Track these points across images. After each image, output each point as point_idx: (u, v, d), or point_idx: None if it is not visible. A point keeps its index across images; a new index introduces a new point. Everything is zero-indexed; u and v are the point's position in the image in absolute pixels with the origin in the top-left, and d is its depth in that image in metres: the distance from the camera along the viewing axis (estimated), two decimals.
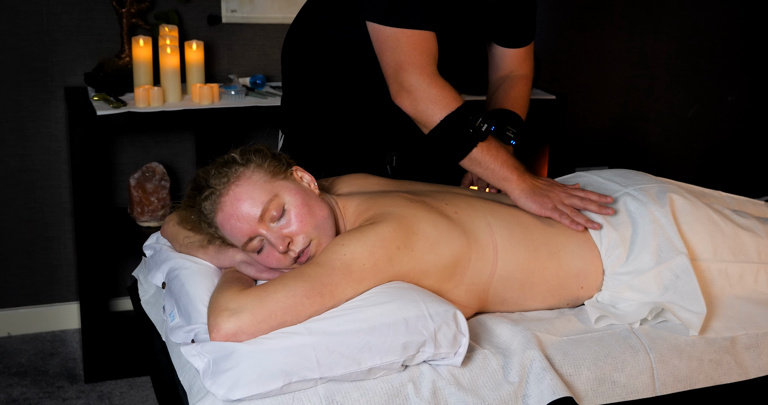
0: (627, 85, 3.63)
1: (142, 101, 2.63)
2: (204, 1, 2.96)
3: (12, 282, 3.01)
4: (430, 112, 1.75)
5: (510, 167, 1.75)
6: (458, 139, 1.74)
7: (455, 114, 1.73)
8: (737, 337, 1.63)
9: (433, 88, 1.75)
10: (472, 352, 1.49)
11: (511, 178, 1.74)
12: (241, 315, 1.37)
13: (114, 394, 2.70)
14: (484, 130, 1.73)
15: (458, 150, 1.75)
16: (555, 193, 1.73)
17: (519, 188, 1.74)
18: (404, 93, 1.77)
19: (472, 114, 1.74)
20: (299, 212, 1.53)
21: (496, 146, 1.76)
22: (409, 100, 1.77)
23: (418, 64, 1.75)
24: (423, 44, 1.76)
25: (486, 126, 1.73)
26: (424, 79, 1.75)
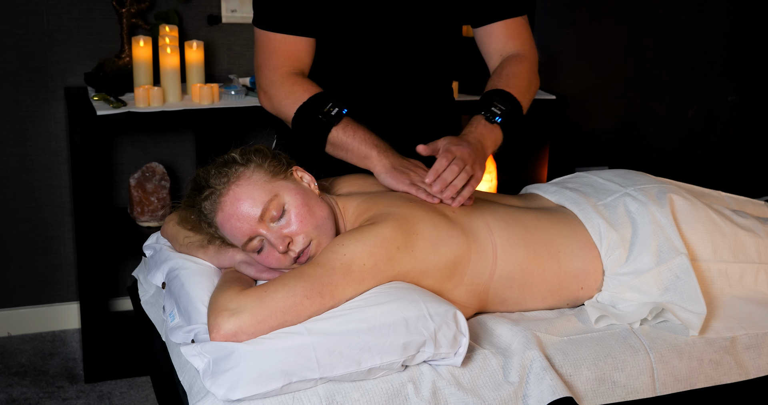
0: (627, 85, 3.63)
1: (142, 101, 2.63)
2: (204, 1, 2.96)
3: (12, 282, 3.02)
4: (284, 107, 1.79)
5: (369, 144, 1.74)
6: (313, 127, 1.76)
7: (306, 104, 1.76)
8: (737, 337, 1.63)
9: (284, 85, 1.79)
10: (472, 352, 1.49)
11: (371, 155, 1.73)
12: (241, 315, 1.37)
13: (114, 394, 2.70)
14: (334, 114, 1.74)
15: (317, 138, 1.76)
16: (416, 173, 1.70)
17: (380, 164, 1.72)
18: (262, 93, 1.83)
19: (321, 101, 1.75)
20: (299, 212, 1.53)
21: (353, 127, 1.75)
22: (266, 99, 1.83)
23: (274, 65, 1.80)
24: (282, 47, 1.80)
25: (336, 110, 1.75)
26: (276, 78, 1.79)
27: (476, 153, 1.68)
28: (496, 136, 1.76)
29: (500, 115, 1.76)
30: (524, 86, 1.84)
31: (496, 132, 1.76)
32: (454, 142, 1.68)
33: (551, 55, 3.44)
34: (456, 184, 1.62)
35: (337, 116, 1.75)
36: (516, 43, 1.91)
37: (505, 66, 1.87)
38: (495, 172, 3.24)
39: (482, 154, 1.70)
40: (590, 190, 1.82)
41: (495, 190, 3.23)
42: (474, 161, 1.66)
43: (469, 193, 1.64)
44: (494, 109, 1.76)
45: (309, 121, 1.76)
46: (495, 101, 1.77)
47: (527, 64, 1.89)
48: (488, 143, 1.74)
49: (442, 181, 1.62)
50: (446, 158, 1.63)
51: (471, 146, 1.68)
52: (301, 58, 1.83)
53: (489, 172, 3.23)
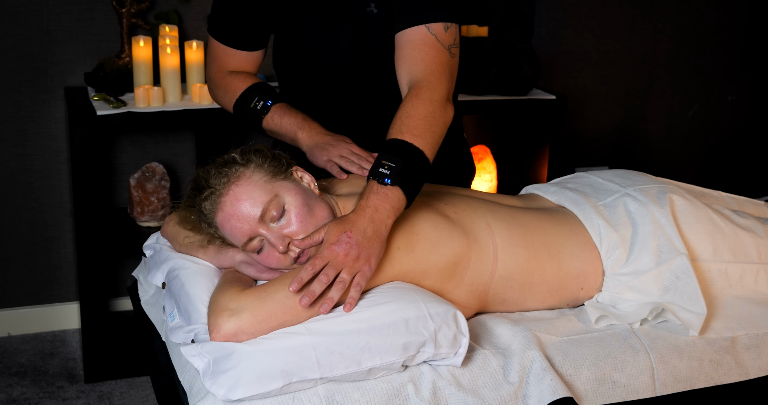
0: (627, 85, 3.63)
1: (142, 101, 2.63)
2: (204, 1, 2.96)
3: (12, 282, 3.01)
4: (225, 105, 1.92)
5: (295, 127, 1.81)
6: (248, 120, 1.87)
7: (238, 101, 1.87)
8: (737, 337, 1.63)
9: (222, 84, 1.91)
10: (472, 353, 1.49)
11: (298, 136, 1.81)
12: (241, 315, 1.37)
13: (114, 394, 2.70)
14: (260, 107, 1.83)
15: (254, 128, 1.87)
16: (335, 149, 1.74)
17: (305, 144, 1.80)
18: (209, 90, 1.96)
19: (248, 97, 1.85)
20: (299, 212, 1.53)
21: (280, 114, 1.83)
22: (212, 95, 1.96)
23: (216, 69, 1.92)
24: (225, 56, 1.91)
25: (261, 103, 1.83)
26: (217, 79, 1.92)
27: (360, 245, 1.43)
28: (394, 200, 1.48)
29: (389, 176, 1.49)
30: (422, 126, 1.56)
31: (392, 195, 1.48)
32: (332, 237, 1.44)
33: (551, 55, 3.45)
34: (331, 297, 1.40)
35: (263, 109, 1.83)
36: (419, 67, 1.66)
37: (401, 105, 1.61)
38: (495, 172, 3.24)
39: (373, 240, 1.44)
40: (590, 191, 1.82)
41: (495, 190, 3.23)
42: (356, 258, 1.42)
43: (357, 294, 1.42)
44: (382, 169, 1.49)
45: (245, 117, 1.87)
46: (383, 160, 1.51)
47: (426, 94, 1.61)
48: (383, 215, 1.46)
49: (310, 295, 1.38)
50: (313, 266, 1.40)
51: (354, 237, 1.43)
52: (241, 67, 1.92)
53: (489, 172, 3.23)
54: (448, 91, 1.65)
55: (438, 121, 1.59)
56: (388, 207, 1.47)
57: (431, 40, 1.67)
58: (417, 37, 1.67)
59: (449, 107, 1.64)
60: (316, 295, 1.38)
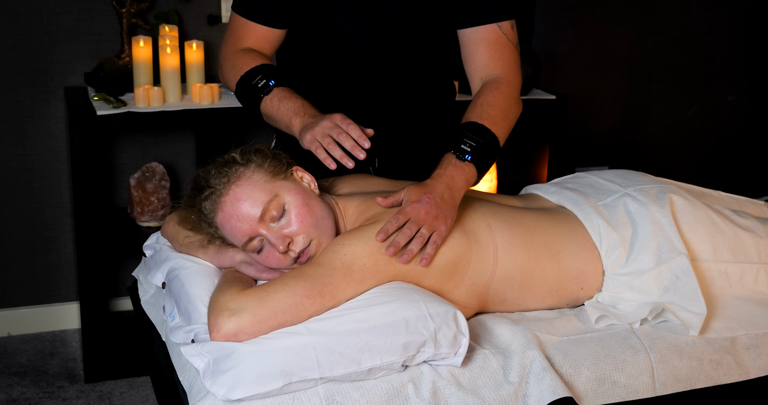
0: (627, 85, 3.63)
1: (142, 101, 2.63)
2: (204, 1, 2.96)
3: (12, 282, 3.01)
4: (230, 83, 1.84)
5: (291, 113, 1.72)
6: (248, 98, 1.80)
7: (243, 77, 1.79)
8: (737, 337, 1.63)
9: (231, 59, 1.84)
10: (472, 352, 1.49)
11: (293, 123, 1.72)
12: (241, 315, 1.37)
13: (114, 394, 2.70)
14: (260, 86, 1.77)
15: (252, 107, 1.80)
16: (319, 126, 1.61)
17: (298, 130, 1.70)
18: (219, 69, 1.89)
19: (253, 74, 1.78)
20: (299, 212, 1.53)
21: (280, 97, 1.75)
22: (220, 73, 1.89)
23: (231, 42, 1.86)
24: (243, 30, 1.85)
25: (263, 82, 1.77)
26: (227, 54, 1.85)
27: (439, 206, 1.54)
28: (468, 175, 1.62)
29: (470, 153, 1.63)
30: (500, 116, 1.71)
31: (467, 170, 1.62)
32: (413, 196, 1.54)
33: (551, 55, 3.44)
34: (412, 249, 1.50)
35: (263, 88, 1.77)
36: (497, 66, 1.80)
37: (480, 94, 1.76)
38: (495, 172, 3.24)
39: (449, 204, 1.56)
40: (590, 191, 1.82)
41: (495, 190, 3.23)
42: (435, 217, 1.53)
43: (433, 251, 1.52)
44: (464, 146, 1.63)
45: (245, 94, 1.81)
46: (465, 138, 1.65)
47: (504, 89, 1.76)
48: (458, 184, 1.59)
49: (395, 245, 1.49)
50: (397, 220, 1.51)
51: (433, 199, 1.54)
52: (259, 44, 1.86)
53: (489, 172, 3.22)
54: (519, 85, 1.82)
55: (511, 114, 1.76)
56: (463, 179, 1.61)
57: (503, 39, 1.81)
58: (490, 36, 1.80)
59: (520, 103, 1.82)
60: (401, 246, 1.49)
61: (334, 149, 1.58)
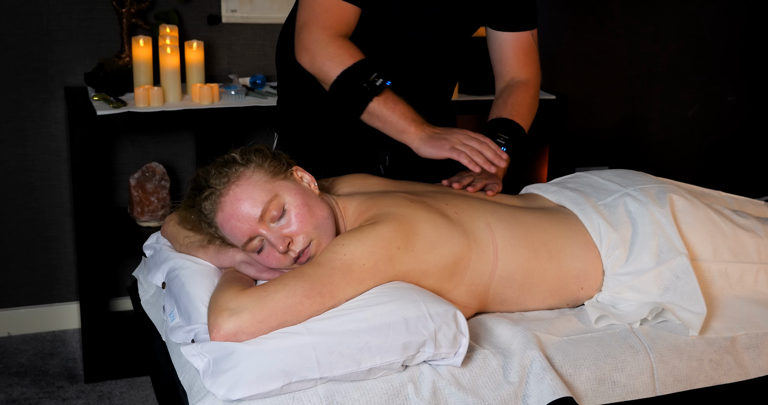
0: (627, 85, 3.63)
1: (142, 101, 2.63)
2: (204, 1, 2.96)
3: (12, 282, 3.02)
4: (327, 68, 1.78)
5: (408, 119, 1.77)
6: (355, 93, 1.77)
7: (351, 69, 1.76)
8: (737, 337, 1.63)
9: (331, 46, 1.78)
10: (472, 352, 1.49)
11: (409, 130, 1.76)
12: (241, 315, 1.37)
13: (114, 394, 2.70)
14: (378, 84, 1.76)
15: (356, 105, 1.78)
16: (454, 136, 1.74)
17: (417, 138, 1.76)
18: (303, 50, 1.82)
19: (367, 69, 1.76)
20: (299, 212, 1.53)
21: (393, 100, 1.78)
22: (308, 56, 1.81)
23: (323, 24, 1.79)
24: (335, 10, 1.80)
25: (381, 80, 1.76)
26: (323, 37, 1.79)
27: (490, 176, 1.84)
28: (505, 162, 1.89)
29: (505, 145, 1.88)
30: (527, 113, 1.97)
31: None
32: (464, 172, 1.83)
33: (551, 55, 3.45)
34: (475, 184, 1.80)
35: (380, 87, 1.76)
36: (527, 71, 2.02)
37: (511, 94, 1.98)
38: None
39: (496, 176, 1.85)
40: (590, 190, 1.82)
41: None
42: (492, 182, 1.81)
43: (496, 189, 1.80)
44: (499, 139, 1.89)
45: (351, 87, 1.77)
46: (500, 132, 1.90)
47: (532, 91, 2.01)
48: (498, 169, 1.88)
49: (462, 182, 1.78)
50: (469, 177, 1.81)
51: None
52: (349, 24, 1.83)
53: None
54: (539, 84, 2.06)
55: (533, 110, 2.01)
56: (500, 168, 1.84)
57: (533, 46, 2.03)
58: (525, 42, 2.01)
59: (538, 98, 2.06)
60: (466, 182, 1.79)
61: (477, 156, 1.71)
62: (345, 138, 2.01)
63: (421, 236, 1.54)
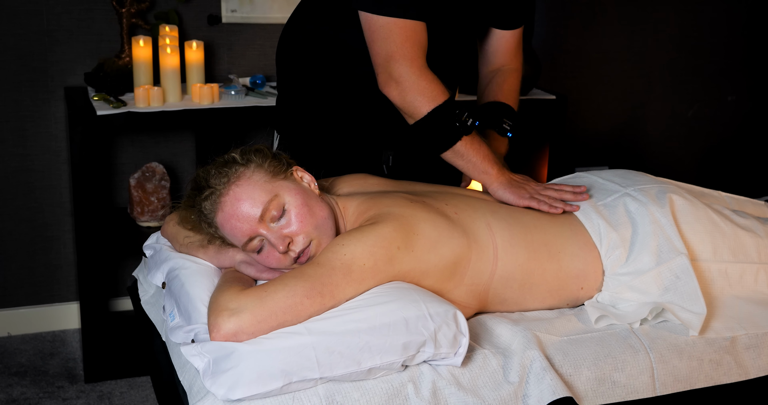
0: (627, 85, 3.63)
1: (142, 101, 2.63)
2: (204, 1, 2.96)
3: (12, 282, 3.01)
4: (418, 103, 1.78)
5: (491, 162, 1.80)
6: (444, 131, 1.78)
7: (442, 107, 1.78)
8: (737, 337, 1.63)
9: (422, 81, 1.78)
10: (472, 352, 1.49)
11: (491, 172, 1.80)
12: (241, 315, 1.37)
13: (114, 394, 2.70)
14: (469, 124, 1.80)
15: (443, 142, 1.79)
16: (530, 185, 1.81)
17: (498, 181, 1.80)
18: (393, 83, 1.79)
19: (458, 108, 1.79)
20: (299, 212, 1.53)
21: (479, 141, 1.81)
22: (398, 90, 1.79)
23: (409, 55, 1.78)
24: (414, 35, 1.79)
25: (471, 121, 1.80)
26: (414, 70, 1.77)
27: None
28: (507, 145, 2.06)
29: (510, 131, 2.01)
30: (517, 98, 2.10)
31: (506, 142, 2.05)
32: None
33: (551, 55, 3.44)
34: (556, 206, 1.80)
35: (471, 127, 1.80)
36: (516, 60, 2.12)
37: (505, 80, 2.08)
38: None
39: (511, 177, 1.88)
40: (590, 190, 1.82)
41: None
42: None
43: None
44: (505, 125, 2.01)
45: (443, 124, 1.78)
46: (504, 118, 2.01)
47: (519, 76, 2.13)
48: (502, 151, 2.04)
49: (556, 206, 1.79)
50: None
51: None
52: (426, 46, 1.82)
53: None
54: None
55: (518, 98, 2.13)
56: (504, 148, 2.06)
57: (521, 37, 2.11)
58: (516, 37, 2.10)
59: None
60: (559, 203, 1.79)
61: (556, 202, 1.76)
62: (348, 138, 2.02)
63: (421, 236, 1.54)
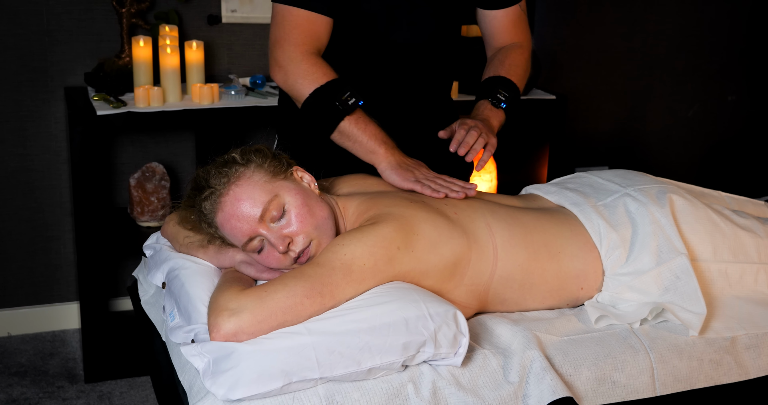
0: (627, 85, 3.63)
1: (142, 101, 2.63)
2: (204, 1, 2.96)
3: (12, 282, 3.02)
4: (299, 86, 1.79)
5: (378, 140, 1.77)
6: (326, 112, 1.77)
7: (323, 88, 1.77)
8: (737, 337, 1.63)
9: (304, 64, 1.79)
10: (472, 352, 1.49)
11: (379, 151, 1.76)
12: (241, 315, 1.37)
13: (114, 394, 2.70)
14: (350, 104, 1.77)
15: (327, 123, 1.78)
16: (420, 170, 1.75)
17: (386, 161, 1.76)
18: (277, 67, 1.83)
19: (339, 88, 1.77)
20: (299, 212, 1.53)
21: (365, 120, 1.78)
22: (281, 74, 1.82)
23: (295, 41, 1.80)
24: (305, 24, 1.81)
25: (353, 100, 1.77)
26: (296, 55, 1.80)
27: (489, 127, 1.85)
28: (501, 118, 1.93)
29: (504, 102, 1.93)
30: (522, 74, 2.01)
31: (500, 114, 1.93)
32: (465, 119, 1.85)
33: (551, 55, 3.44)
34: (476, 148, 1.78)
35: (353, 106, 1.77)
36: (518, 35, 2.05)
37: (507, 55, 2.00)
38: (495, 172, 3.24)
39: (491, 128, 1.87)
40: (590, 191, 1.82)
41: (495, 190, 3.23)
42: (487, 131, 1.82)
43: (488, 157, 1.80)
44: (499, 95, 1.93)
45: (322, 106, 1.78)
46: (499, 89, 1.93)
47: (526, 54, 2.04)
48: (495, 123, 1.90)
49: (465, 145, 1.76)
50: (463, 128, 1.80)
51: (481, 121, 1.85)
52: (320, 38, 1.83)
53: (489, 172, 3.23)
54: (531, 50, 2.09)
55: (527, 75, 2.05)
56: (497, 120, 1.92)
57: (523, 16, 2.05)
58: (514, 15, 2.03)
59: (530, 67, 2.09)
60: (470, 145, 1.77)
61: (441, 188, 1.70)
62: None
63: (421, 236, 1.54)
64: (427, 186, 1.69)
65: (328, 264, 1.46)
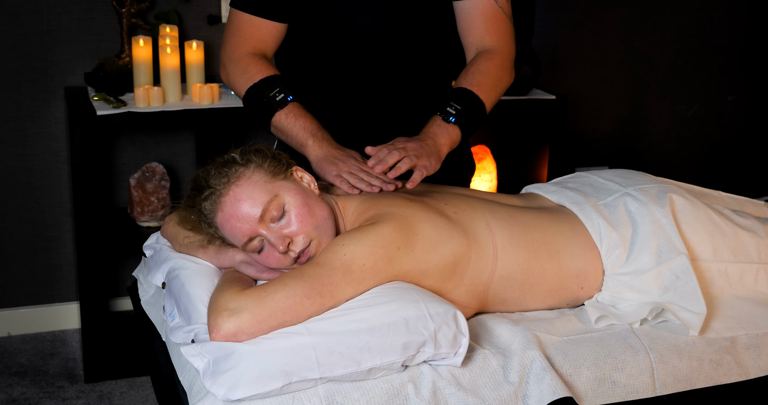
0: (627, 85, 3.63)
1: (142, 101, 2.63)
2: (204, 1, 2.96)
3: (12, 282, 3.02)
4: (237, 85, 1.86)
5: (307, 133, 1.79)
6: (260, 108, 1.83)
7: (257, 85, 1.82)
8: (737, 337, 1.63)
9: (240, 63, 1.85)
10: (472, 352, 1.49)
11: (308, 143, 1.79)
12: (241, 315, 1.37)
13: (114, 394, 2.70)
14: (278, 99, 1.81)
15: (263, 118, 1.84)
16: (346, 163, 1.73)
17: (313, 154, 1.78)
18: (221, 66, 1.92)
19: (269, 84, 1.82)
20: (299, 212, 1.53)
21: (296, 114, 1.81)
22: (224, 73, 1.91)
23: (236, 42, 1.87)
24: (248, 28, 1.87)
25: (282, 96, 1.81)
26: (236, 55, 1.86)
27: (424, 147, 1.73)
28: (452, 135, 1.80)
29: (454, 116, 1.80)
30: (490, 84, 1.86)
31: (451, 131, 1.80)
32: (401, 138, 1.76)
33: (551, 55, 3.44)
34: (399, 167, 1.69)
35: (281, 102, 1.81)
36: (493, 39, 1.90)
37: (473, 62, 1.89)
38: (495, 172, 3.24)
39: (434, 149, 1.75)
40: (590, 190, 1.82)
41: (495, 190, 3.23)
42: (420, 153, 1.71)
43: (419, 177, 1.69)
44: (449, 109, 1.81)
45: (256, 102, 1.83)
46: (452, 101, 1.82)
47: (498, 60, 1.88)
48: (442, 140, 1.78)
49: (384, 163, 1.69)
50: (387, 147, 1.73)
51: (419, 142, 1.75)
52: (264, 40, 1.88)
53: (489, 172, 3.23)
54: (512, 56, 1.93)
55: (501, 83, 1.89)
56: (446, 137, 1.79)
57: (499, 12, 1.90)
58: (488, 10, 1.89)
59: (512, 73, 1.92)
60: (388, 164, 1.69)
61: (360, 183, 1.68)
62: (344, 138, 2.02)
63: (421, 236, 1.54)
64: (345, 181, 1.69)
65: (328, 264, 1.46)
